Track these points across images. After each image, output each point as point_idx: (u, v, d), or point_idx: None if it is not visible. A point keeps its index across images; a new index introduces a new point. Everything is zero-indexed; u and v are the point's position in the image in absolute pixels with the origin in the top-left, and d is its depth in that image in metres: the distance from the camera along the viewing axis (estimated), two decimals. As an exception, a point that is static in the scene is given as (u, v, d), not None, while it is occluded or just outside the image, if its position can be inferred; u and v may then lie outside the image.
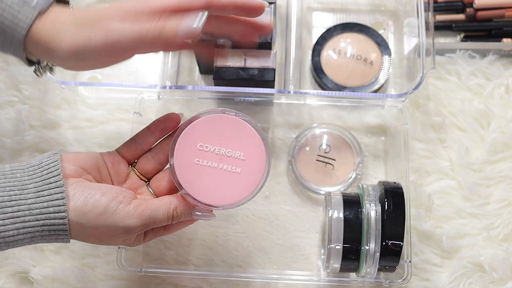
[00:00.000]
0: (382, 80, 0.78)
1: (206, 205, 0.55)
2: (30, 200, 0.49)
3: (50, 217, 0.49)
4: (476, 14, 0.82)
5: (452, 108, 0.78)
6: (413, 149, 0.77)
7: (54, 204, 0.50)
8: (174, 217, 0.54)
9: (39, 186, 0.50)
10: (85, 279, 0.72)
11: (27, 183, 0.50)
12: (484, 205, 0.74)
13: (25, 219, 0.49)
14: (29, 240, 0.50)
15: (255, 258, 0.73)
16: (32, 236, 0.50)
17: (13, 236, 0.49)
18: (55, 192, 0.50)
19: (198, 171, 0.54)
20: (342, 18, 0.84)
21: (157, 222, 0.53)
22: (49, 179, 0.51)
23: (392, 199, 0.64)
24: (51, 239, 0.51)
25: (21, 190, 0.50)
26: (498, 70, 0.80)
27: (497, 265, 0.71)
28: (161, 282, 0.72)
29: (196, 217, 0.56)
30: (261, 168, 0.55)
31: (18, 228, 0.49)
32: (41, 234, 0.50)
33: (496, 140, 0.76)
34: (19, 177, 0.50)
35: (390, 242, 0.63)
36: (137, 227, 0.52)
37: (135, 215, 0.52)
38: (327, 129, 0.78)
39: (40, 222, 0.49)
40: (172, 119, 0.58)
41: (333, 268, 0.66)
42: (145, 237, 0.56)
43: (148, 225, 0.53)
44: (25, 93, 0.80)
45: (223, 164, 0.55)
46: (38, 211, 0.49)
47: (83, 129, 0.78)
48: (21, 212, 0.49)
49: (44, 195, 0.50)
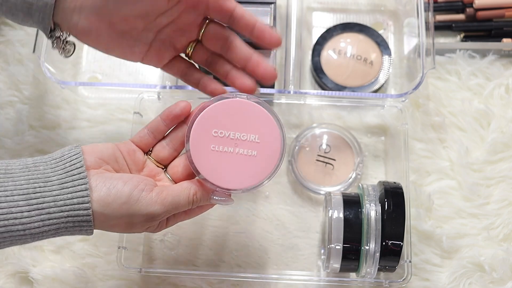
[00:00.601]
0: (382, 80, 0.78)
1: (224, 189, 0.55)
2: (55, 192, 0.50)
3: (75, 208, 0.50)
4: (476, 14, 0.82)
5: (452, 108, 0.78)
6: (413, 149, 0.77)
7: (78, 196, 0.50)
8: (194, 202, 0.55)
9: (62, 178, 0.51)
10: (85, 279, 0.72)
11: (51, 175, 0.51)
12: (484, 205, 0.74)
13: (50, 211, 0.49)
14: (54, 232, 0.50)
15: (255, 258, 0.73)
16: (57, 228, 0.50)
17: (39, 227, 0.49)
18: (78, 183, 0.50)
19: (215, 156, 0.55)
20: (342, 18, 0.84)
21: (179, 208, 0.54)
22: (72, 171, 0.51)
23: (392, 199, 0.64)
24: (75, 231, 0.51)
25: (45, 182, 0.50)
26: (498, 70, 0.80)
27: (497, 265, 0.71)
28: (161, 282, 0.72)
29: (215, 202, 0.56)
30: (277, 149, 0.55)
31: (43, 220, 0.49)
32: (66, 226, 0.50)
33: (496, 140, 0.76)
34: (42, 170, 0.51)
35: (390, 242, 0.63)
36: (161, 214, 0.53)
37: (158, 202, 0.52)
38: (327, 129, 0.78)
39: (65, 214, 0.50)
40: (182, 108, 0.58)
41: (333, 268, 0.66)
42: (167, 222, 0.57)
43: (170, 211, 0.54)
44: (25, 93, 0.80)
45: (239, 148, 0.55)
46: (63, 202, 0.50)
47: (83, 129, 0.78)
48: (46, 204, 0.49)
49: (68, 186, 0.50)
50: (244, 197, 0.75)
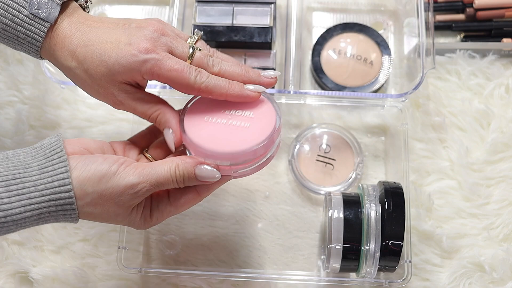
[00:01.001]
0: (382, 80, 0.78)
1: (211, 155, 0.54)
2: (35, 177, 0.49)
3: (56, 191, 0.50)
4: (476, 14, 0.82)
5: (452, 108, 0.78)
6: (413, 149, 0.77)
7: (58, 178, 0.50)
8: (178, 176, 0.53)
9: (42, 164, 0.50)
10: (85, 279, 0.72)
11: (30, 162, 0.50)
12: (484, 205, 0.74)
13: (31, 196, 0.49)
14: (36, 218, 0.50)
15: (255, 258, 0.73)
16: (39, 213, 0.50)
17: (20, 213, 0.49)
18: (58, 166, 0.50)
19: (207, 125, 0.55)
20: (342, 18, 0.84)
21: (160, 180, 0.53)
22: (52, 156, 0.51)
23: (392, 199, 0.64)
24: (58, 215, 0.51)
25: (25, 168, 0.50)
26: (498, 70, 0.80)
27: (497, 265, 0.71)
28: (161, 282, 0.72)
29: (201, 177, 0.54)
30: (271, 122, 0.55)
31: (24, 205, 0.49)
32: (48, 210, 0.50)
33: (496, 140, 0.76)
34: (22, 158, 0.51)
35: (390, 242, 0.63)
36: (139, 183, 0.52)
37: (136, 172, 0.52)
38: (327, 129, 0.78)
39: (46, 198, 0.49)
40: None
41: (333, 268, 0.66)
42: (152, 213, 0.56)
43: (150, 182, 0.52)
44: (25, 93, 0.80)
45: (232, 120, 0.55)
46: (43, 186, 0.49)
47: (83, 129, 0.78)
48: (26, 189, 0.49)
49: (48, 170, 0.50)
50: (244, 197, 0.75)
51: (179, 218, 0.74)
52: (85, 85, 0.57)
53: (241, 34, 0.74)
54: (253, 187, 0.76)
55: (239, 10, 0.76)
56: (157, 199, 0.56)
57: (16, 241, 0.73)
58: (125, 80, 0.55)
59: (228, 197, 0.75)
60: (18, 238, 0.73)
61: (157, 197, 0.56)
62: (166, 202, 0.56)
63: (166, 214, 0.56)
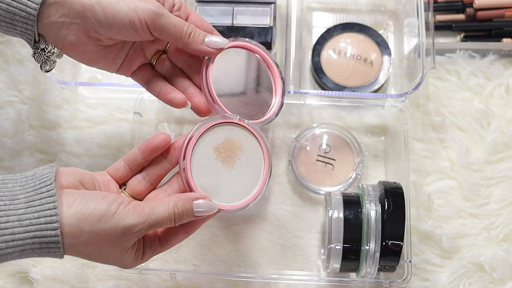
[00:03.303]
0: (382, 80, 0.78)
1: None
2: (20, 211, 0.47)
3: (42, 228, 0.47)
4: (476, 14, 0.82)
5: (452, 108, 0.78)
6: (413, 149, 0.77)
7: (45, 214, 0.47)
8: (176, 214, 0.53)
9: (30, 196, 0.48)
10: (85, 279, 0.72)
11: (18, 193, 0.48)
12: (484, 205, 0.74)
13: (15, 231, 0.46)
14: (19, 254, 0.47)
15: (255, 258, 0.73)
16: (22, 249, 0.47)
17: (1, 249, 0.46)
18: (46, 201, 0.48)
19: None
20: (342, 18, 0.84)
21: (159, 220, 0.52)
22: (41, 189, 0.48)
23: (392, 199, 0.64)
24: (42, 252, 0.48)
25: (11, 200, 0.47)
26: (498, 70, 0.80)
27: (497, 265, 0.71)
28: (161, 282, 0.72)
29: (198, 212, 0.54)
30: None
31: (6, 241, 0.46)
32: (32, 248, 0.47)
33: (496, 140, 0.76)
34: (10, 187, 0.48)
35: (390, 242, 0.63)
36: (138, 224, 0.50)
37: (135, 213, 0.51)
38: (327, 129, 0.78)
39: (31, 234, 0.47)
40: (162, 139, 0.57)
41: (333, 268, 0.66)
42: (143, 254, 0.55)
43: (149, 222, 0.51)
44: (25, 93, 0.80)
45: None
46: (29, 222, 0.47)
47: (83, 129, 0.78)
48: (10, 223, 0.46)
49: (35, 205, 0.48)
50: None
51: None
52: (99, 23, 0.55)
53: (241, 34, 0.74)
54: (253, 187, 0.76)
55: (239, 10, 0.76)
56: (149, 240, 0.56)
57: (16, 241, 0.73)
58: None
59: (228, 197, 0.75)
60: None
61: (149, 239, 0.56)
62: (158, 243, 0.56)
63: (155, 254, 0.56)
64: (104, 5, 0.54)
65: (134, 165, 0.57)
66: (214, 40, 0.58)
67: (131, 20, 0.55)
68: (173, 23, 0.57)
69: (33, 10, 0.54)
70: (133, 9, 0.55)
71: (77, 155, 0.77)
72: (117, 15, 0.55)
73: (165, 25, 0.56)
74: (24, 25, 0.55)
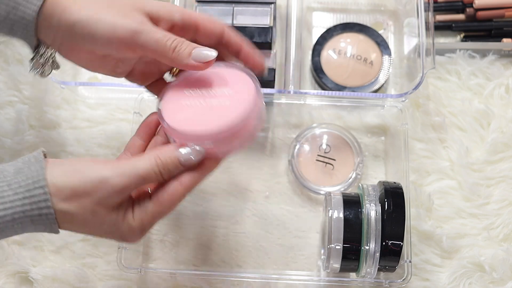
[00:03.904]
0: (382, 80, 0.78)
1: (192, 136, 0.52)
2: (9, 178, 0.49)
3: (30, 187, 0.48)
4: (476, 14, 0.82)
5: (452, 108, 0.78)
6: (413, 149, 0.77)
7: (33, 176, 0.49)
8: (160, 165, 0.51)
9: (19, 167, 0.50)
10: (85, 279, 0.72)
11: (7, 168, 0.50)
12: (484, 205, 0.74)
13: (4, 194, 0.48)
14: (11, 220, 0.48)
15: (255, 258, 0.73)
16: (13, 212, 0.48)
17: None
18: (35, 167, 0.49)
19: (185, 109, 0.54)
20: (342, 18, 0.84)
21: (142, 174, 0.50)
22: (30, 160, 0.50)
23: (392, 199, 0.64)
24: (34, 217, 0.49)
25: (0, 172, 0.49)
26: (498, 70, 0.80)
27: (497, 265, 0.71)
28: (161, 282, 0.72)
29: (185, 159, 0.51)
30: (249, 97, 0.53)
31: None
32: (23, 210, 0.48)
33: (496, 140, 0.76)
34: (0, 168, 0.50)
35: (390, 242, 0.63)
36: (113, 176, 0.49)
37: (113, 167, 0.50)
38: (327, 129, 0.78)
39: (20, 196, 0.48)
40: (153, 116, 0.57)
41: (333, 268, 0.66)
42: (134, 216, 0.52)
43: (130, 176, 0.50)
44: (25, 93, 0.80)
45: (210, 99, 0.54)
46: (17, 184, 0.48)
47: (83, 129, 0.78)
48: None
49: (24, 171, 0.49)
50: (244, 197, 0.75)
51: (179, 218, 0.74)
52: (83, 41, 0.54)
53: (241, 34, 0.74)
54: (253, 187, 0.76)
55: (239, 10, 0.76)
56: (138, 199, 0.53)
57: (16, 241, 0.73)
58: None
59: (228, 197, 0.75)
60: (18, 238, 0.73)
61: (138, 198, 0.53)
62: (148, 201, 0.53)
63: (151, 216, 0.52)
64: (82, 24, 0.52)
65: (134, 148, 0.57)
66: (203, 53, 0.53)
67: (109, 40, 0.52)
68: (154, 38, 0.52)
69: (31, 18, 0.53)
70: (111, 30, 0.52)
71: (77, 155, 0.77)
72: (95, 35, 0.52)
73: (145, 42, 0.52)
74: (24, 31, 0.54)
